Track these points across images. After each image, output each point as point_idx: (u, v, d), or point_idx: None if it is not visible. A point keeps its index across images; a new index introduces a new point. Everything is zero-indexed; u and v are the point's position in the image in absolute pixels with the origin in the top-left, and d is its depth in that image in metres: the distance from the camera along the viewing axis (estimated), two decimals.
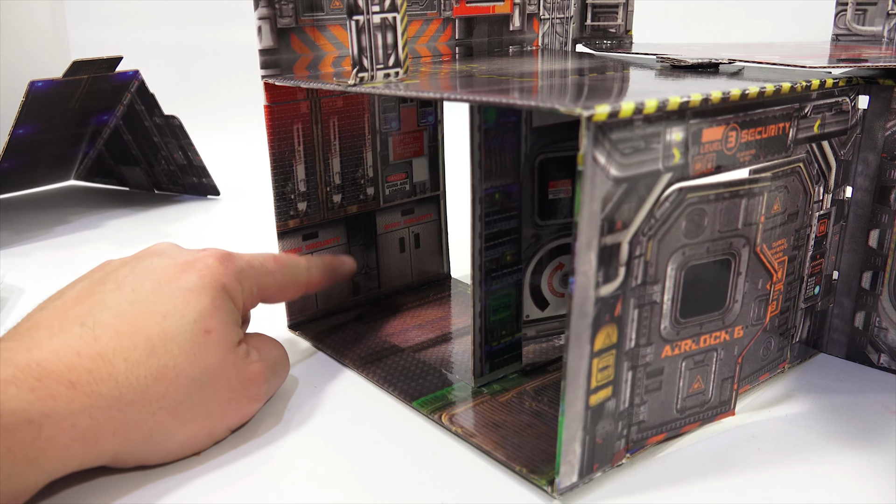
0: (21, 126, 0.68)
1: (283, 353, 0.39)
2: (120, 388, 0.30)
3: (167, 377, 0.31)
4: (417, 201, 0.52)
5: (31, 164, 0.78)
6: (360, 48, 0.35)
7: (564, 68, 0.41)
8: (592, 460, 0.31)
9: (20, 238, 0.70)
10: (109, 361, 0.30)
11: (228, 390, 0.34)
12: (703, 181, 0.30)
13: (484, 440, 0.34)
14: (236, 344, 0.34)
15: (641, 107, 0.27)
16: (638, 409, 0.32)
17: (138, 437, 0.31)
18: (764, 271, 0.34)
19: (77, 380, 0.29)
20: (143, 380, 0.31)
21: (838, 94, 0.36)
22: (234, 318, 0.35)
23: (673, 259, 0.31)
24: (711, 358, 0.34)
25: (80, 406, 0.29)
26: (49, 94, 0.68)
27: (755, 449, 0.34)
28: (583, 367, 0.29)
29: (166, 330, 0.32)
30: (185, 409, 0.32)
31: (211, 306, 0.33)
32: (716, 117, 0.30)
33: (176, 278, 0.34)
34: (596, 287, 0.28)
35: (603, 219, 0.27)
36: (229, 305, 0.34)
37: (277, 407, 0.38)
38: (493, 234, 0.37)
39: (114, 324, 0.31)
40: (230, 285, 0.35)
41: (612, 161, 0.27)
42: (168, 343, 0.32)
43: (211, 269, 0.34)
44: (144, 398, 0.31)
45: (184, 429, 0.33)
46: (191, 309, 0.33)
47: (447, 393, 0.39)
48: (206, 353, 0.33)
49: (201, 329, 0.33)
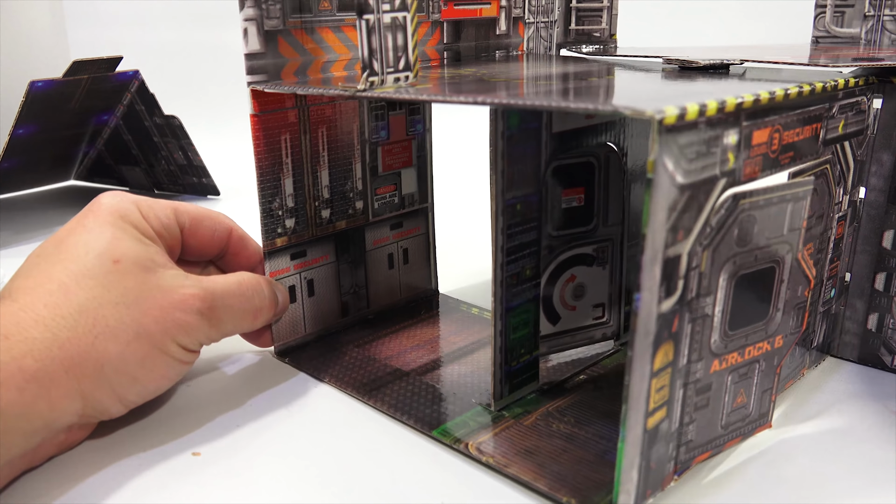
0: (21, 126, 0.69)
1: (245, 283, 0.39)
2: (50, 329, 0.32)
3: (90, 308, 0.33)
4: (406, 214, 0.49)
5: (31, 164, 0.78)
6: (370, 50, 0.32)
7: (568, 72, 0.39)
8: (646, 486, 0.29)
9: (20, 238, 0.70)
10: (32, 310, 0.32)
11: (158, 309, 0.34)
12: (754, 186, 0.28)
13: (521, 469, 0.32)
14: (159, 267, 0.35)
15: (704, 108, 0.25)
16: (687, 428, 0.30)
17: (91, 370, 0.32)
18: (803, 278, 0.33)
19: (8, 332, 0.31)
20: (69, 317, 0.32)
21: (858, 94, 0.36)
22: (143, 245, 0.35)
23: (725, 269, 0.29)
24: (754, 370, 0.32)
25: (19, 352, 0.30)
26: (49, 94, 0.68)
27: (796, 462, 0.33)
28: (643, 389, 0.27)
29: (75, 270, 0.33)
30: (121, 331, 0.33)
31: (112, 238, 0.35)
32: (763, 118, 0.29)
33: (75, 228, 0.35)
34: (658, 303, 0.26)
35: (668, 229, 0.25)
36: (133, 233, 0.36)
37: (277, 448, 0.35)
38: (513, 247, 0.35)
39: (25, 284, 0.33)
40: (128, 210, 0.36)
41: (679, 167, 0.25)
42: (81, 280, 0.33)
43: (104, 206, 0.36)
44: (77, 332, 0.32)
45: (130, 350, 0.33)
46: (93, 246, 0.34)
47: (468, 419, 0.36)
48: (120, 279, 0.34)
49: (109, 260, 0.34)
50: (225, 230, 0.41)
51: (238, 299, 0.38)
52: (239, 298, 0.38)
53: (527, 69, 0.41)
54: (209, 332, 0.36)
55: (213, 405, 0.39)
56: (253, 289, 0.39)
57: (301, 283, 0.44)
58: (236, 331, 0.39)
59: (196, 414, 0.38)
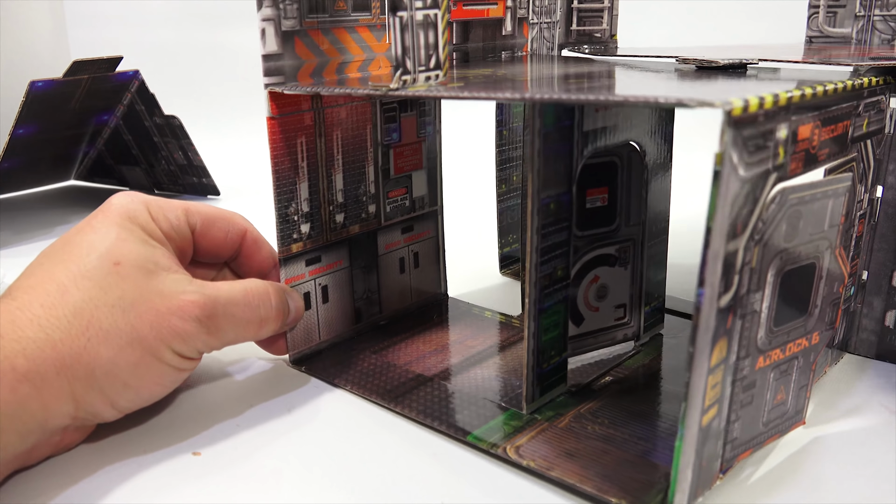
0: (21, 126, 0.68)
1: (251, 291, 0.37)
2: (44, 329, 0.31)
3: (85, 310, 0.32)
4: (417, 218, 0.48)
5: (31, 164, 0.78)
6: (403, 48, 0.32)
7: (585, 71, 0.39)
8: (698, 485, 0.29)
9: (20, 238, 0.69)
10: (27, 309, 0.32)
11: (155, 314, 0.33)
12: (800, 181, 0.29)
13: (564, 472, 0.31)
14: (162, 270, 0.34)
15: (763, 101, 0.25)
16: (733, 425, 0.30)
17: (83, 373, 0.32)
18: (839, 273, 0.33)
19: (3, 331, 0.31)
20: (63, 318, 0.32)
21: (879, 93, 0.36)
22: (147, 246, 0.35)
23: (773, 265, 0.29)
24: (793, 366, 0.32)
25: (11, 350, 0.30)
26: (49, 94, 0.68)
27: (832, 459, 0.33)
28: (702, 386, 0.27)
29: (75, 271, 0.33)
30: (115, 335, 0.32)
31: (116, 239, 0.34)
32: (807, 114, 0.29)
33: (83, 227, 0.35)
34: (718, 298, 0.26)
35: (730, 224, 0.25)
36: (139, 235, 0.35)
37: (300, 455, 0.34)
38: (547, 247, 0.35)
39: (26, 283, 0.33)
40: (136, 211, 0.36)
41: (742, 160, 0.25)
42: (79, 281, 0.33)
43: (114, 206, 0.36)
44: (70, 333, 0.32)
45: (122, 356, 0.32)
46: (96, 246, 0.34)
47: (501, 423, 0.35)
48: (119, 282, 0.33)
49: (110, 262, 0.33)
50: (239, 231, 0.40)
51: (242, 308, 0.37)
52: (243, 307, 0.37)
53: (545, 69, 0.41)
54: (208, 340, 0.35)
55: (218, 410, 0.38)
56: (259, 298, 0.38)
57: (316, 290, 0.43)
58: (239, 340, 0.38)
59: (199, 418, 0.37)
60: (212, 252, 0.40)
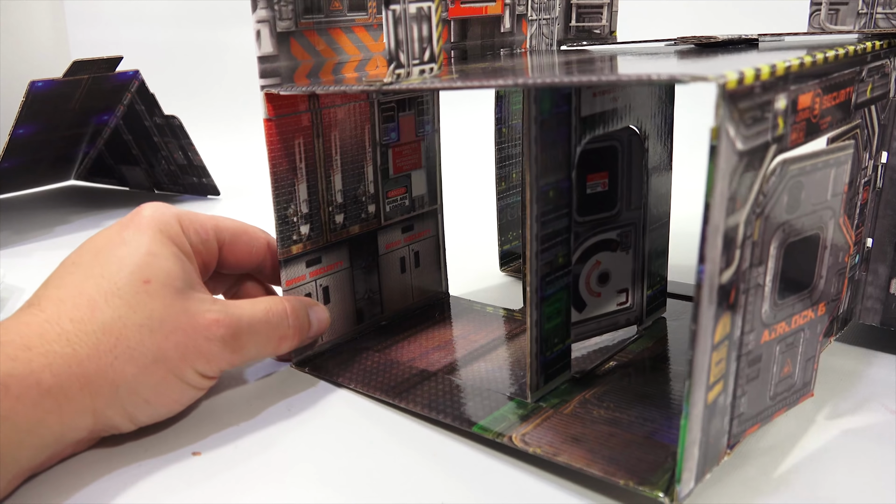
0: (21, 126, 0.69)
1: (272, 310, 0.38)
2: (72, 344, 0.31)
3: (114, 328, 0.32)
4: (416, 217, 0.48)
5: (31, 164, 0.79)
6: (397, 41, 0.32)
7: (587, 57, 0.39)
8: (705, 463, 0.29)
9: (20, 238, 0.69)
10: (57, 324, 0.32)
11: (182, 334, 0.34)
12: (801, 152, 0.29)
13: (571, 457, 0.31)
14: (189, 288, 0.35)
15: (759, 72, 0.25)
16: (739, 400, 0.30)
17: (106, 390, 0.32)
18: (844, 243, 0.33)
19: (31, 343, 0.31)
20: (92, 334, 0.32)
21: (882, 58, 0.36)
22: (177, 263, 0.35)
23: (776, 237, 0.29)
24: (799, 339, 0.32)
25: (39, 365, 0.30)
26: (49, 94, 0.68)
27: None
28: (706, 363, 0.27)
29: (105, 287, 0.33)
30: (140, 354, 0.32)
31: (147, 254, 0.34)
32: (808, 82, 0.29)
33: (114, 239, 0.35)
34: (719, 274, 0.26)
35: (728, 198, 0.25)
36: (169, 251, 0.35)
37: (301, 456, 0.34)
38: (547, 234, 0.35)
39: (56, 294, 0.33)
40: (168, 224, 0.36)
41: (739, 133, 0.25)
42: (109, 298, 0.33)
43: (145, 218, 0.36)
44: (98, 350, 0.32)
45: (147, 374, 0.33)
46: (127, 263, 0.34)
47: (506, 413, 0.35)
48: (148, 301, 0.33)
49: (139, 280, 0.33)
50: (262, 246, 0.41)
51: (265, 326, 0.37)
52: (265, 325, 0.37)
53: (544, 60, 0.41)
54: (231, 359, 0.36)
55: (221, 411, 0.38)
56: (279, 316, 0.38)
57: (317, 291, 0.43)
58: (259, 357, 0.39)
59: (203, 419, 0.37)
60: (235, 266, 0.41)
